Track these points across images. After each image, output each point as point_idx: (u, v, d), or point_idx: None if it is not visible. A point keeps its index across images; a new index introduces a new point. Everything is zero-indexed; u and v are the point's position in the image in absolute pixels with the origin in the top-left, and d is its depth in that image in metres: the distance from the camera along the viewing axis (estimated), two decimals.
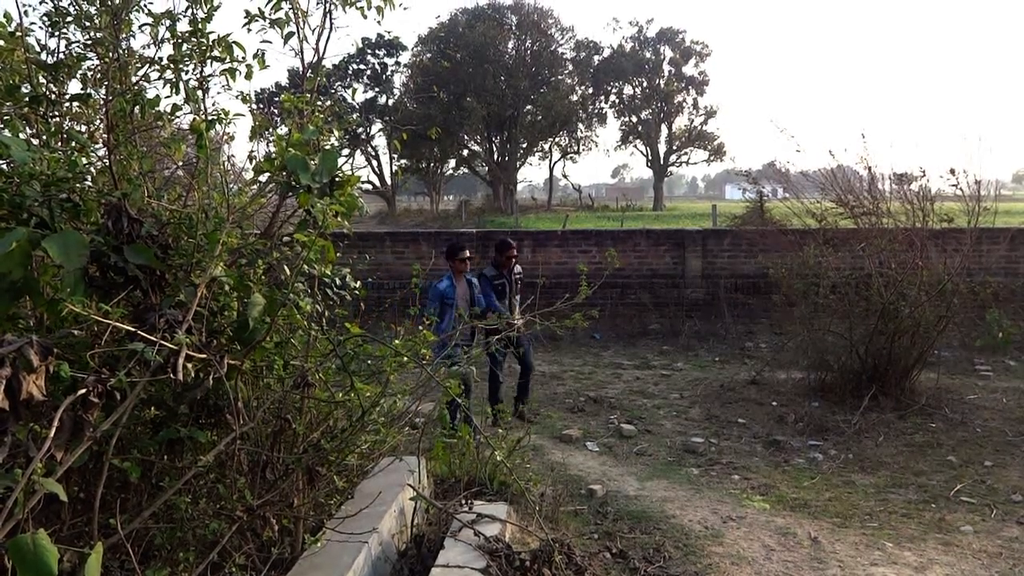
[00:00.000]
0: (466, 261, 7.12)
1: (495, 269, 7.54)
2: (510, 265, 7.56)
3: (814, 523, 4.96)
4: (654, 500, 5.41)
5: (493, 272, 7.52)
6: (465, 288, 7.05)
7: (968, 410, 7.59)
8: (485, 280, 7.37)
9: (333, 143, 4.09)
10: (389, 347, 3.44)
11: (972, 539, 4.70)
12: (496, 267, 7.56)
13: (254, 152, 3.72)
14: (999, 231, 12.21)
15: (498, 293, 7.40)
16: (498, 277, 7.52)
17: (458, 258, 7.09)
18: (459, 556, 3.49)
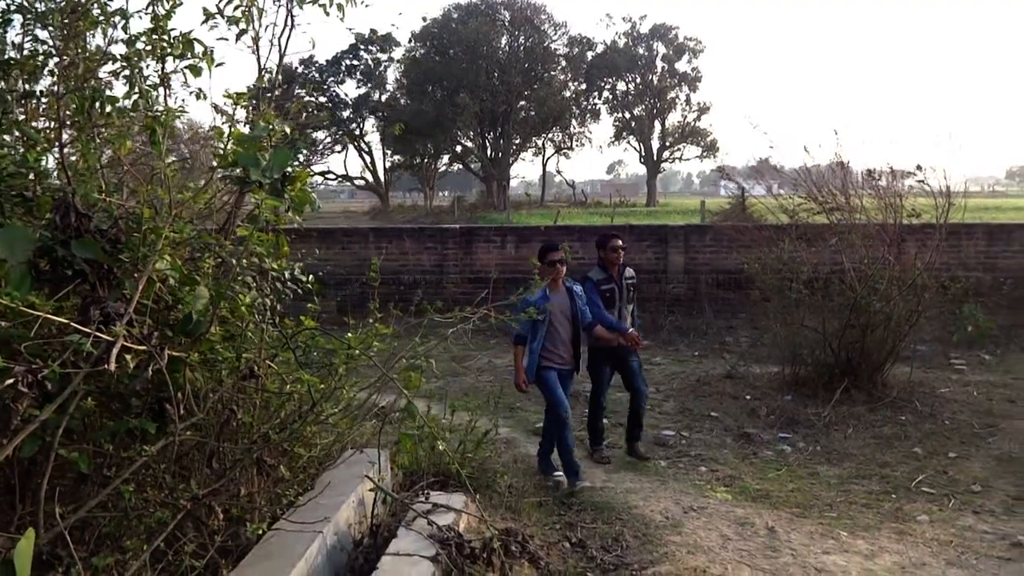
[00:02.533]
0: (559, 265, 5.63)
1: (602, 271, 6.19)
2: (618, 264, 6.21)
3: (773, 513, 5.04)
4: (619, 491, 5.49)
5: (601, 275, 6.16)
6: (564, 299, 5.74)
7: (938, 403, 7.68)
8: (591, 285, 6.07)
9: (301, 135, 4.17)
10: (341, 340, 3.50)
11: (926, 528, 4.78)
12: (603, 268, 6.20)
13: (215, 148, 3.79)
14: (977, 226, 12.33)
15: (606, 301, 6.08)
16: (606, 281, 6.15)
17: (547, 261, 5.64)
18: (411, 545, 3.56)
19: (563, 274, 5.76)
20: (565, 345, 5.72)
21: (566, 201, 54.25)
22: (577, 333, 5.77)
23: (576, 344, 5.79)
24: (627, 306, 6.28)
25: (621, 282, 6.20)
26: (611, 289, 6.13)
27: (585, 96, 51.79)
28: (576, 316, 5.75)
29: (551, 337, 5.66)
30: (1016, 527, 4.80)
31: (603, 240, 6.31)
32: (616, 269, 6.19)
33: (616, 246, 6.19)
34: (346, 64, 48.40)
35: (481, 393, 8.17)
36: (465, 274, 12.32)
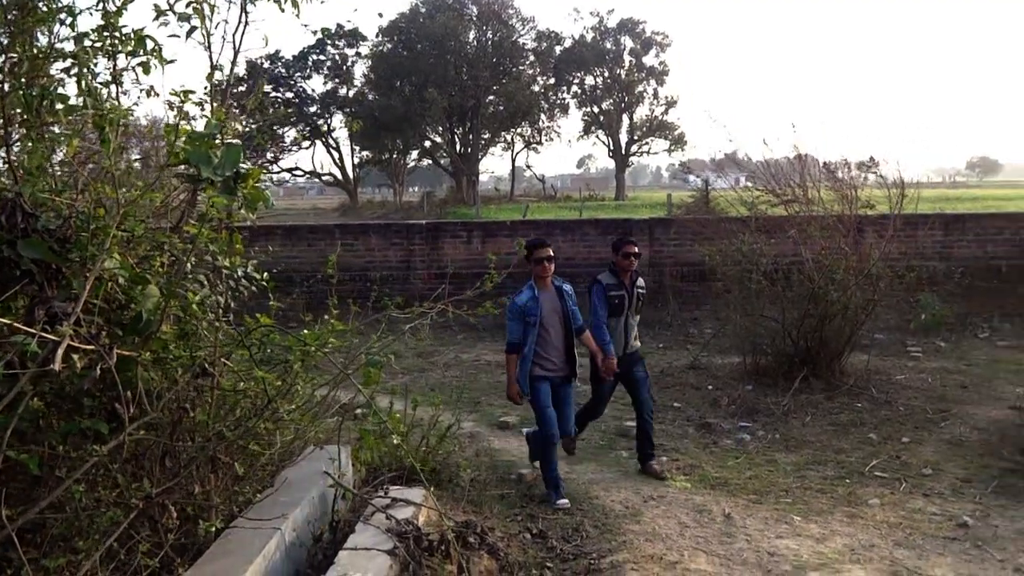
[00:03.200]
0: (545, 262, 5.34)
1: (613, 276, 5.80)
2: (631, 271, 5.81)
3: (731, 500, 5.14)
4: (581, 483, 5.56)
5: (612, 280, 5.79)
6: (554, 299, 5.39)
7: (894, 390, 7.87)
8: (599, 288, 5.73)
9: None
10: (297, 338, 3.51)
11: (877, 511, 4.92)
12: (614, 273, 5.81)
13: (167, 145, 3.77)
14: (934, 217, 12.61)
15: (613, 308, 5.70)
16: (617, 287, 5.75)
17: (533, 258, 5.37)
18: (369, 539, 3.58)
19: (552, 272, 5.41)
20: (558, 350, 5.36)
21: (536, 195, 54.31)
22: (570, 336, 5.42)
23: (570, 348, 5.42)
24: (634, 316, 5.88)
25: (632, 290, 5.80)
26: (621, 296, 5.74)
27: (554, 90, 51.85)
28: (568, 318, 5.38)
29: (542, 341, 5.31)
30: (963, 508, 4.96)
31: (617, 245, 5.90)
32: (628, 276, 5.81)
33: (630, 252, 5.77)
34: (313, 59, 47.96)
35: (447, 388, 8.20)
36: (432, 270, 12.32)
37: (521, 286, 5.54)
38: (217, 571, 3.17)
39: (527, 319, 5.28)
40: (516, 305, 5.33)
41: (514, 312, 5.33)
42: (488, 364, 9.46)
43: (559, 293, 5.41)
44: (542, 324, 5.29)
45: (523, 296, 5.35)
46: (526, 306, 5.30)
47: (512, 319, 5.34)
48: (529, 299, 5.31)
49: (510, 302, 5.36)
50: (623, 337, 5.77)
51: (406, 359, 9.64)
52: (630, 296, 5.78)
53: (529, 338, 5.28)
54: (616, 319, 5.73)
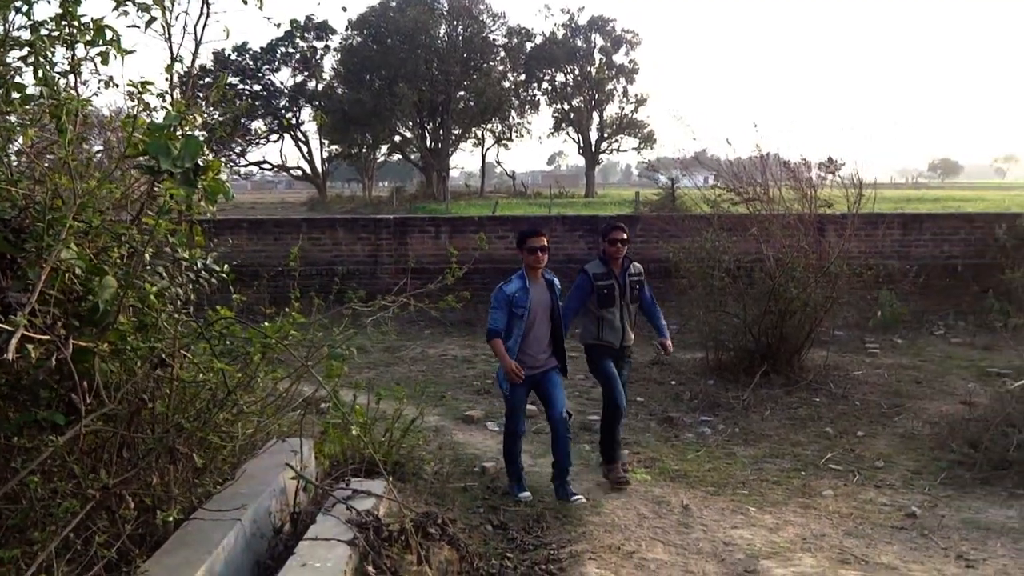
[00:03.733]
0: (538, 252, 5.08)
1: (602, 264, 5.51)
2: (620, 258, 5.48)
3: (689, 492, 5.25)
4: (544, 475, 5.61)
5: (599, 268, 5.50)
6: (544, 292, 5.15)
7: (851, 385, 8.06)
8: (584, 278, 5.45)
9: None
10: (257, 330, 3.52)
11: (830, 502, 5.06)
12: (604, 262, 5.52)
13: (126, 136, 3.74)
14: (893, 216, 12.91)
15: (603, 299, 5.44)
16: (604, 276, 5.46)
17: (526, 247, 5.12)
18: (329, 530, 3.60)
19: (544, 263, 5.14)
20: (541, 344, 5.16)
21: (506, 192, 54.37)
22: (558, 330, 5.21)
23: (558, 342, 5.24)
24: (630, 306, 5.55)
25: (624, 279, 5.49)
26: (609, 286, 5.44)
27: (524, 87, 51.93)
28: (556, 311, 5.19)
29: (528, 336, 5.08)
30: (912, 499, 5.11)
31: (605, 231, 5.58)
32: (618, 264, 5.49)
33: (617, 239, 5.43)
34: (281, 52, 47.43)
35: (413, 383, 8.21)
36: (400, 264, 12.30)
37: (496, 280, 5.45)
38: (176, 562, 3.17)
39: (514, 310, 5.02)
40: (504, 293, 5.04)
41: (500, 300, 5.04)
42: (455, 359, 9.50)
43: (549, 286, 5.18)
44: (530, 316, 5.04)
45: (512, 285, 5.06)
46: (514, 296, 5.02)
47: (497, 307, 5.05)
48: (519, 289, 5.03)
49: (497, 289, 5.08)
50: (621, 329, 5.52)
51: (372, 354, 9.65)
52: (621, 285, 5.47)
53: (515, 330, 5.03)
54: (610, 310, 5.46)
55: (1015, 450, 5.33)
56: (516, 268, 5.76)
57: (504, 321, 5.03)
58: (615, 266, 5.49)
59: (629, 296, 5.53)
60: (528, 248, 5.10)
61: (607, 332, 5.49)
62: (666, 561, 4.09)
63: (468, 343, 10.44)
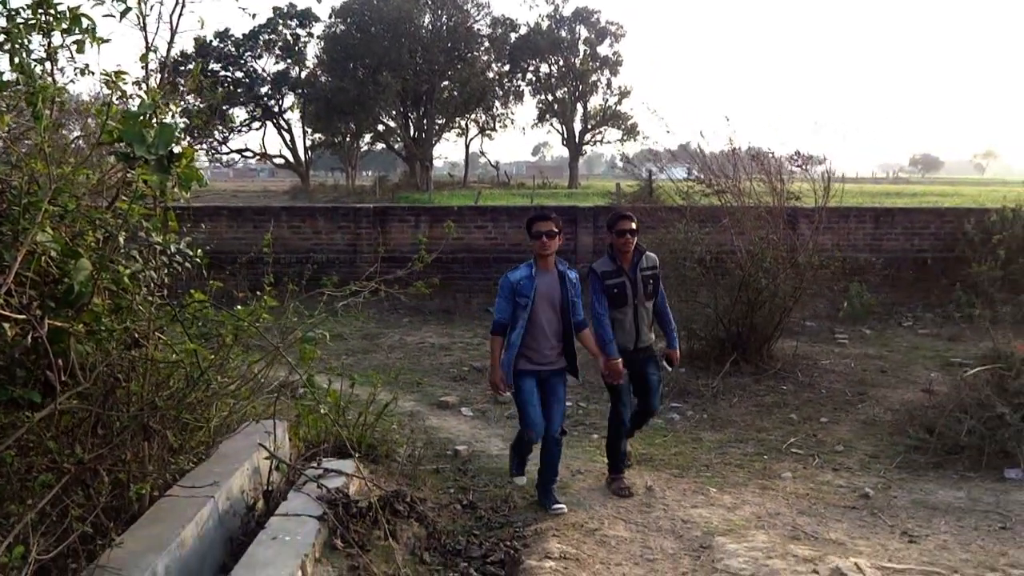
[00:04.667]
0: (546, 238, 4.62)
1: (610, 261, 5.00)
2: (629, 252, 4.96)
3: (654, 474, 5.41)
4: None
5: (607, 266, 4.98)
6: (553, 283, 4.70)
7: (818, 374, 8.26)
8: (594, 279, 4.95)
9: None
10: (230, 313, 3.63)
11: (788, 483, 5.24)
12: (612, 258, 5.00)
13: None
14: (866, 210, 13.16)
15: (615, 300, 4.91)
16: (614, 274, 4.94)
17: (532, 232, 4.69)
18: (300, 506, 3.74)
19: (553, 251, 4.69)
20: (548, 340, 4.71)
21: (490, 182, 54.42)
22: (568, 327, 4.77)
23: (567, 340, 4.79)
24: (645, 304, 5.02)
25: (635, 274, 4.95)
26: (620, 284, 4.92)
27: (508, 77, 51.92)
28: (567, 306, 4.70)
29: (532, 329, 4.67)
30: (867, 481, 5.31)
31: (611, 222, 5.05)
32: (628, 258, 4.97)
33: (625, 229, 4.90)
34: (264, 39, 47.07)
35: (390, 370, 8.33)
36: (379, 253, 12.38)
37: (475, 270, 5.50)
38: (150, 535, 3.29)
39: (517, 299, 4.63)
40: (508, 281, 4.68)
41: (505, 289, 4.69)
42: (432, 346, 9.62)
43: (561, 279, 4.71)
44: (533, 308, 4.62)
45: (518, 273, 4.69)
46: (519, 284, 4.63)
47: (501, 296, 4.71)
48: (524, 277, 4.64)
49: (503, 277, 4.74)
50: (634, 330, 5.00)
51: (351, 341, 9.76)
52: (632, 282, 4.95)
53: (519, 322, 4.64)
54: (622, 310, 4.94)
55: (966, 435, 5.54)
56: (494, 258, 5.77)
57: (509, 312, 4.69)
58: (625, 261, 4.97)
59: (643, 293, 4.98)
60: (534, 233, 4.66)
61: (618, 334, 4.95)
62: (626, 538, 4.25)
63: (446, 331, 10.56)
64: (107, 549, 3.03)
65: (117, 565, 2.98)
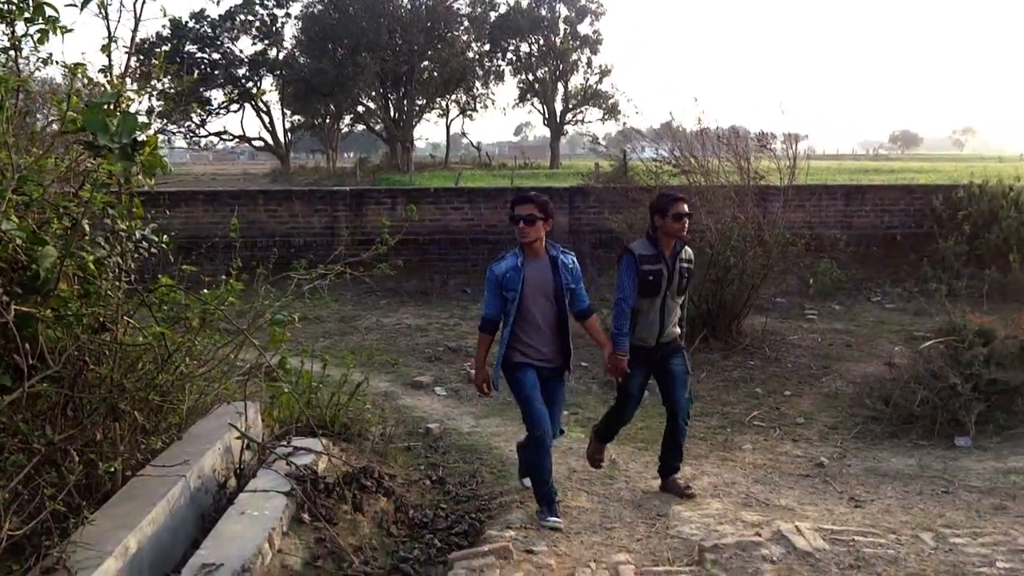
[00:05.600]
0: (524, 224, 4.16)
1: (651, 244, 4.50)
2: (676, 236, 4.48)
3: (619, 448, 5.58)
4: (484, 435, 5.93)
5: (647, 250, 4.48)
6: (544, 271, 4.23)
7: (786, 349, 8.47)
8: (629, 260, 4.46)
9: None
10: (197, 297, 3.73)
11: (748, 455, 5.44)
12: (652, 241, 4.51)
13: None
14: (837, 188, 13.36)
15: (647, 287, 4.43)
16: (653, 259, 4.44)
17: (512, 216, 4.23)
18: (269, 483, 3.86)
19: (540, 237, 4.20)
20: (542, 334, 4.27)
21: (472, 163, 54.28)
22: (563, 320, 4.31)
23: (562, 334, 4.34)
24: (676, 297, 4.57)
25: (674, 264, 4.46)
26: (657, 271, 4.42)
27: (489, 57, 51.65)
28: (562, 296, 4.23)
29: (523, 323, 4.24)
30: (824, 451, 5.51)
31: (663, 205, 4.48)
32: (670, 245, 4.48)
33: (682, 213, 4.43)
34: (240, 19, 46.53)
35: (366, 351, 8.45)
36: (356, 236, 12.44)
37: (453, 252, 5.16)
38: (122, 513, 3.41)
39: (505, 294, 4.21)
40: (493, 274, 4.26)
41: (491, 283, 4.27)
42: (408, 328, 9.73)
43: (553, 264, 4.25)
44: (523, 301, 4.19)
45: (503, 264, 4.25)
46: (505, 277, 4.20)
47: (488, 290, 4.29)
48: (510, 269, 4.19)
49: (488, 270, 4.32)
50: (658, 324, 4.53)
51: (328, 323, 9.87)
52: (670, 271, 4.46)
53: (508, 318, 4.24)
54: (650, 300, 4.46)
55: (920, 405, 5.75)
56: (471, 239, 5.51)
57: (498, 307, 4.27)
58: (666, 247, 4.49)
59: (676, 286, 4.53)
60: (512, 218, 4.21)
61: (640, 326, 4.52)
62: (587, 508, 4.41)
63: (423, 312, 10.68)
64: (80, 527, 3.15)
65: (89, 542, 3.10)
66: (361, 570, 3.42)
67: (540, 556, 3.35)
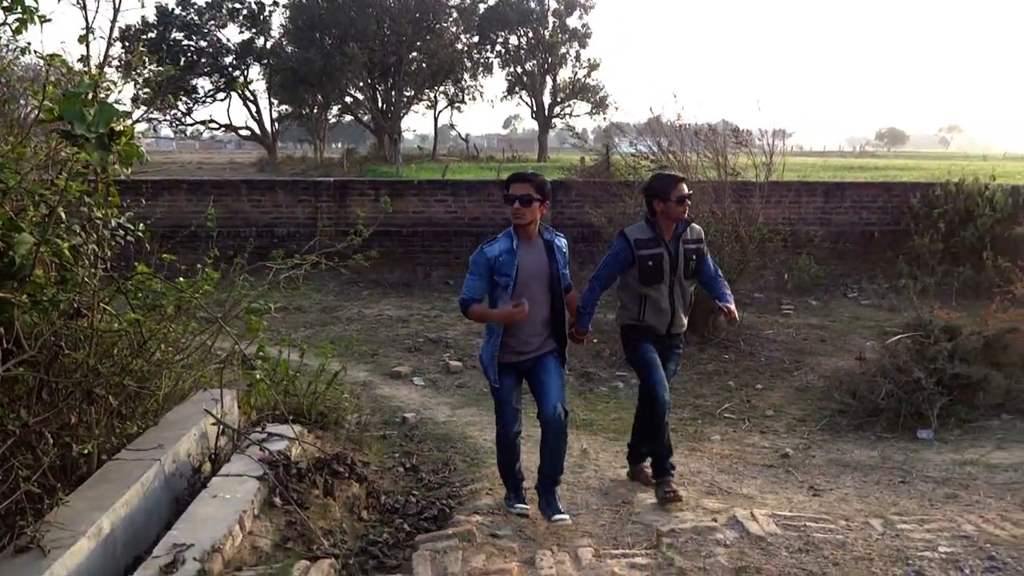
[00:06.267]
0: (519, 204, 3.83)
1: (649, 228, 4.26)
2: (679, 219, 4.23)
3: (591, 438, 5.70)
4: (459, 425, 6.03)
5: (645, 233, 4.24)
6: (540, 256, 3.96)
7: (760, 343, 8.60)
8: (622, 244, 4.25)
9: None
10: (173, 285, 3.80)
11: (716, 445, 5.56)
12: (651, 225, 4.27)
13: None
14: (817, 185, 13.51)
15: (647, 274, 4.20)
16: (651, 243, 4.20)
17: (508, 196, 3.90)
18: (242, 467, 3.95)
19: (536, 219, 3.91)
20: (534, 325, 3.99)
21: (459, 155, 54.23)
22: (559, 305, 4.06)
23: (558, 320, 4.08)
24: (684, 282, 4.32)
25: (676, 247, 4.21)
26: (656, 256, 4.17)
27: (477, 49, 51.59)
28: (557, 281, 3.99)
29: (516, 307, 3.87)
30: (790, 442, 5.65)
31: (663, 186, 4.19)
32: (670, 228, 4.23)
33: (684, 196, 4.16)
34: (228, 7, 46.22)
35: (346, 341, 8.52)
36: (340, 227, 12.46)
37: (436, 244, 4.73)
38: (96, 495, 3.49)
39: (497, 278, 3.88)
40: (484, 257, 3.89)
41: (479, 265, 3.91)
42: (390, 319, 9.81)
43: (548, 249, 3.97)
44: (515, 289, 3.86)
45: (496, 246, 3.90)
46: (498, 260, 3.86)
47: (473, 272, 3.94)
48: (504, 251, 3.86)
49: (476, 251, 3.96)
50: (670, 311, 4.31)
51: (310, 313, 9.93)
52: (673, 255, 4.20)
53: (499, 304, 3.93)
54: (656, 287, 4.22)
55: (884, 398, 5.89)
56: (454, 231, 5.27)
57: (483, 290, 3.95)
58: (666, 231, 4.23)
59: (683, 270, 4.26)
60: (507, 198, 3.88)
61: (650, 314, 4.29)
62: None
63: (405, 303, 10.75)
64: (54, 507, 3.23)
65: (63, 522, 3.18)
66: (330, 552, 3.51)
67: (504, 540, 3.45)
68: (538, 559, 3.11)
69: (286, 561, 3.20)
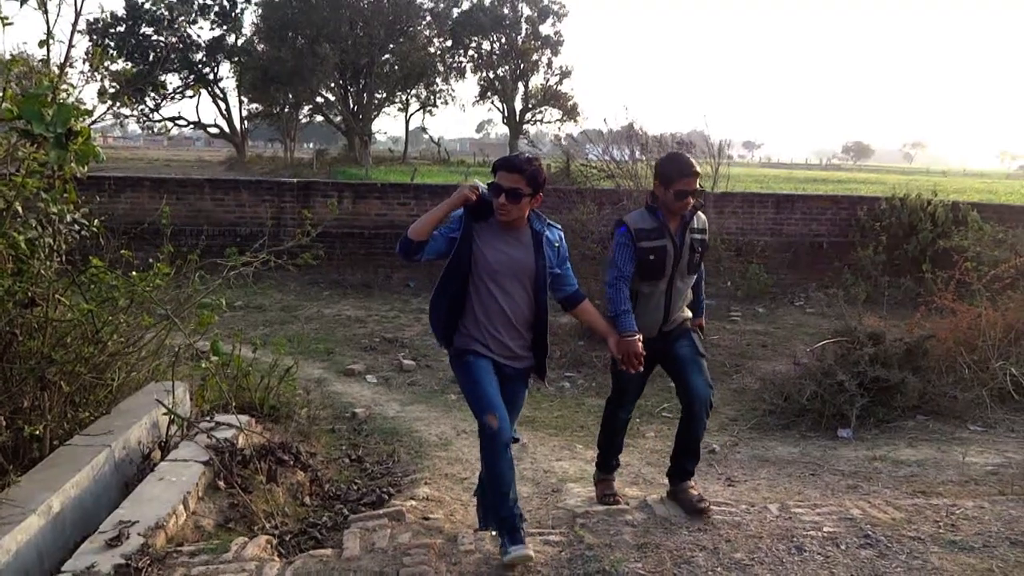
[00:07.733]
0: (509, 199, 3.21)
1: (651, 216, 3.71)
2: (683, 211, 3.68)
3: (533, 434, 5.97)
4: (407, 420, 6.26)
5: (647, 223, 3.70)
6: (524, 248, 3.34)
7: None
8: (624, 233, 3.71)
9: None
10: (126, 279, 4.01)
11: (649, 441, 5.87)
12: (653, 212, 3.72)
13: None
14: (768, 196, 13.98)
15: (648, 268, 3.69)
16: (654, 234, 3.67)
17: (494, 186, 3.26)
18: (189, 453, 4.16)
19: (523, 215, 3.29)
20: (513, 327, 3.38)
21: (431, 158, 54.42)
22: (541, 312, 3.45)
23: (537, 329, 3.48)
24: (685, 278, 3.81)
25: (682, 238, 3.70)
26: (660, 249, 3.66)
27: (450, 53, 51.86)
28: (543, 284, 3.38)
29: (486, 306, 3.32)
30: (719, 439, 5.97)
31: (668, 171, 3.65)
32: (676, 219, 3.70)
33: (686, 191, 3.60)
34: (199, 3, 45.97)
35: (304, 339, 8.71)
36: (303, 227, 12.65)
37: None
38: (47, 477, 3.68)
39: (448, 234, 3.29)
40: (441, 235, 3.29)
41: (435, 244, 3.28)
42: (348, 319, 10.01)
43: (536, 242, 3.33)
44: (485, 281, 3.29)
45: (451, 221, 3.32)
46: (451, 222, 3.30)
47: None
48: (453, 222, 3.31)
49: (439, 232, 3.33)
50: (662, 310, 3.79)
51: (270, 312, 10.10)
52: (678, 247, 3.69)
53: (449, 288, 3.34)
54: (652, 283, 3.73)
55: (809, 399, 6.25)
56: None
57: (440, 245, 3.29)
58: (672, 221, 3.70)
59: (687, 264, 3.76)
60: (493, 187, 3.25)
61: (639, 314, 3.72)
62: None
63: (364, 304, 10.95)
64: (6, 487, 3.42)
65: (14, 500, 3.38)
66: (271, 532, 3.73)
67: (433, 521, 3.71)
68: (460, 536, 3.37)
69: (225, 537, 3.43)
